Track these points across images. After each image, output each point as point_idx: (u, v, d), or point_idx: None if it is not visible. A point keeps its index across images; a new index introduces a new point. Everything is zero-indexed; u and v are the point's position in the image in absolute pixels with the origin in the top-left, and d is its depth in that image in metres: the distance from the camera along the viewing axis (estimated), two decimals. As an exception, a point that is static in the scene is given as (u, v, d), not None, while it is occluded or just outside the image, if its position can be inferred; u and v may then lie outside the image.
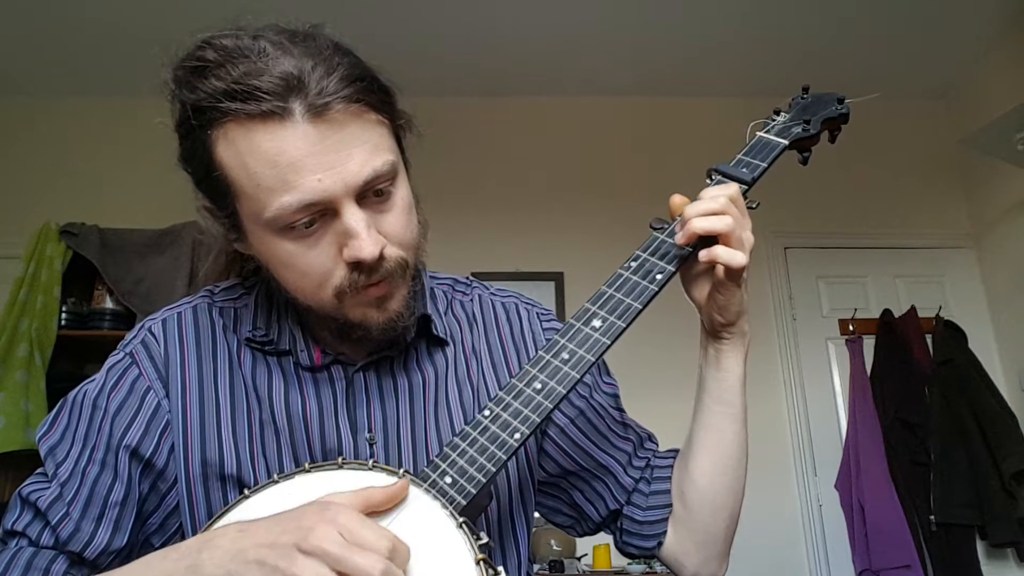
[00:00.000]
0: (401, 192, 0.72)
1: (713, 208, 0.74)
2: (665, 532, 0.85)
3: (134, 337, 0.80)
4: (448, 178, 3.37)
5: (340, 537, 0.55)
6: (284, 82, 0.64)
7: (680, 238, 0.75)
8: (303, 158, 0.65)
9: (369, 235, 0.68)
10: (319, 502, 0.60)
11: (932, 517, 2.91)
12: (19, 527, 0.72)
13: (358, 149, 0.67)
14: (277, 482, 0.68)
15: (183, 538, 0.73)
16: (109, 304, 2.90)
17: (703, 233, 0.73)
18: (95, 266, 2.85)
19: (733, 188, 0.77)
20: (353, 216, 0.67)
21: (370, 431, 0.78)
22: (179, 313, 0.82)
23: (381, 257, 0.69)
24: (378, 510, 0.62)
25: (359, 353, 0.81)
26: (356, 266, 0.69)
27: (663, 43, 3.33)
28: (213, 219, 0.75)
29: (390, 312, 0.73)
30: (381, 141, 0.70)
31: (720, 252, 0.73)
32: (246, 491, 0.68)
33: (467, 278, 0.95)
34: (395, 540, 0.57)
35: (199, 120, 0.68)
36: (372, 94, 0.69)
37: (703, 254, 0.74)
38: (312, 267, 0.70)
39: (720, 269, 0.74)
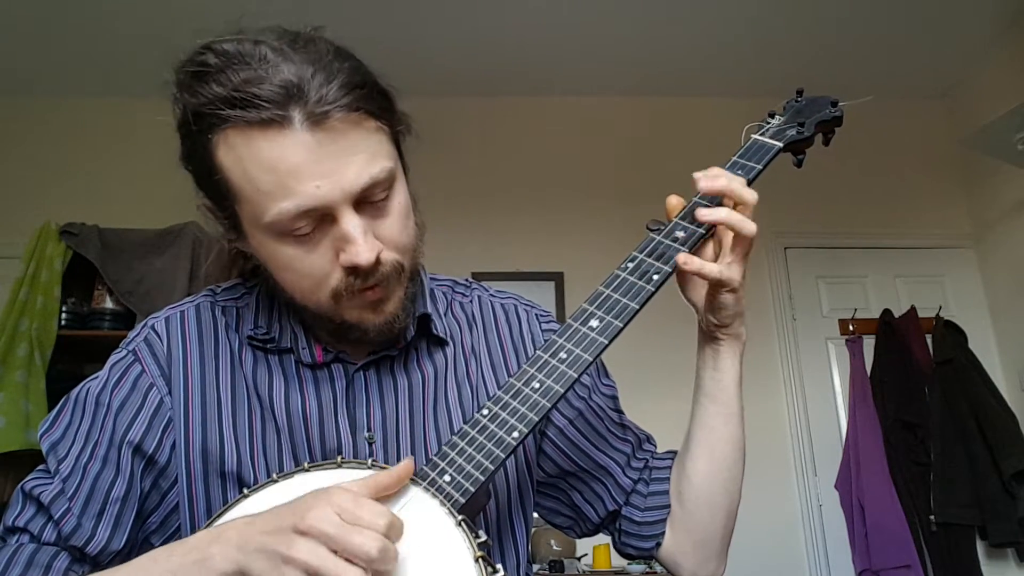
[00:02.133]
0: (399, 197, 0.73)
1: (748, 199, 0.74)
2: (663, 533, 0.85)
3: (137, 335, 0.81)
4: (448, 178, 3.37)
5: (337, 517, 0.55)
6: (284, 90, 0.65)
7: (706, 214, 0.74)
8: (302, 165, 0.65)
9: (366, 241, 0.68)
10: (325, 488, 0.59)
11: (932, 517, 2.91)
12: (20, 523, 0.72)
13: (356, 157, 0.68)
14: (276, 481, 0.68)
15: (182, 537, 0.73)
16: (109, 304, 2.90)
17: (729, 227, 0.74)
18: (95, 266, 2.85)
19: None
20: (350, 222, 0.68)
21: (369, 430, 0.78)
22: (182, 312, 0.82)
23: (378, 262, 0.70)
24: (387, 494, 0.63)
25: (360, 353, 0.81)
26: (352, 270, 0.70)
27: (663, 43, 3.33)
28: (213, 218, 0.76)
29: (386, 314, 0.75)
30: (379, 148, 0.70)
31: (711, 269, 0.73)
32: (245, 491, 0.68)
33: (466, 280, 0.96)
34: (392, 516, 0.58)
35: (200, 125, 0.68)
36: (371, 101, 0.70)
37: (688, 264, 0.73)
38: (310, 270, 0.71)
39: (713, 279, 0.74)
